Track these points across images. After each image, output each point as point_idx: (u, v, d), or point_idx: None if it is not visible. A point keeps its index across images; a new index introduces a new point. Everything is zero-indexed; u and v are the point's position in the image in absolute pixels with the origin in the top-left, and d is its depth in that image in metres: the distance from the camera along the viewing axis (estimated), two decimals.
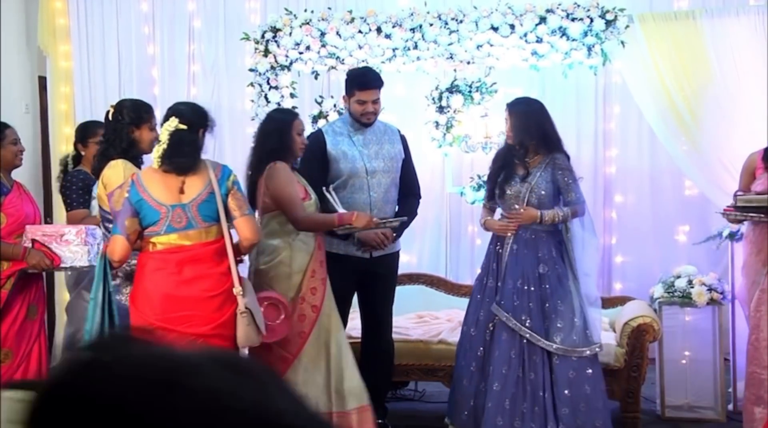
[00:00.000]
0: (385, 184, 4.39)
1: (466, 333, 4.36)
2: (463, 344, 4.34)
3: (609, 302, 5.26)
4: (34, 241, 3.95)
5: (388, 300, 4.55)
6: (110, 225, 3.65)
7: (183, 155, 3.43)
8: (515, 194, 4.17)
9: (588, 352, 4.08)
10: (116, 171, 3.67)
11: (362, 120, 4.38)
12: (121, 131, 3.78)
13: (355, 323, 4.67)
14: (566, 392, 4.04)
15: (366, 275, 4.41)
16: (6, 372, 3.94)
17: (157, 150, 3.44)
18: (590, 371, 4.09)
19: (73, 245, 3.90)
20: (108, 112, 3.86)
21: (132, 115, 3.79)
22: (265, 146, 3.95)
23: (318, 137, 4.46)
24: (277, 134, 3.94)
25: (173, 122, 3.44)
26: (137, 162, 3.81)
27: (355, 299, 4.56)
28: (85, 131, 4.69)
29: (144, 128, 3.83)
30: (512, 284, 4.12)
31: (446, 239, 6.22)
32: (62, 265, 3.97)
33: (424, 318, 5.23)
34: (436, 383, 4.93)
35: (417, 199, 4.62)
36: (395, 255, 4.55)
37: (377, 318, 4.52)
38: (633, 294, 5.45)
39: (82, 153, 4.61)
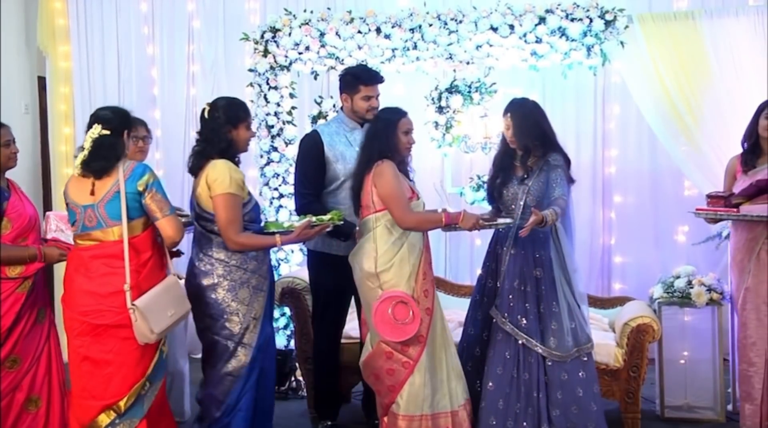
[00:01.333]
0: None
1: (465, 333, 4.37)
2: (462, 343, 4.35)
3: (608, 303, 5.27)
4: (45, 240, 3.97)
5: None
6: (207, 224, 3.77)
7: (100, 159, 3.56)
8: (512, 196, 4.16)
9: (580, 352, 4.09)
10: (221, 170, 3.71)
11: (367, 116, 4.36)
12: (218, 130, 3.80)
13: (354, 323, 4.68)
14: (558, 394, 4.04)
15: None
16: (15, 377, 3.94)
17: (80, 157, 3.56)
18: (582, 374, 4.09)
19: None
20: (204, 110, 3.87)
21: (229, 114, 3.82)
22: (373, 146, 3.96)
23: (315, 139, 4.44)
24: (384, 134, 3.95)
25: (96, 129, 3.56)
26: (235, 161, 3.85)
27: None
28: None
29: (241, 127, 3.86)
30: (509, 284, 4.12)
31: (446, 240, 6.22)
32: None
33: None
34: None
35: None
36: None
37: None
38: (632, 294, 5.45)
39: None
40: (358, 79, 4.38)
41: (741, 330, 4.49)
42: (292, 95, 5.64)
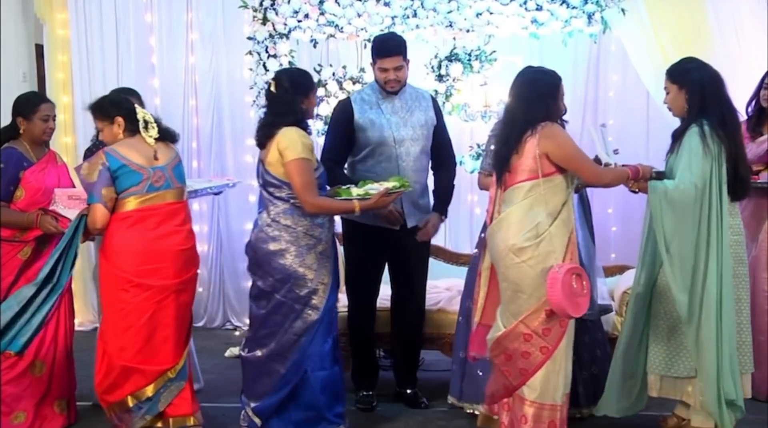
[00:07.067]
0: (414, 152, 4.34)
1: (465, 306, 4.31)
2: (463, 314, 4.33)
3: (607, 271, 5.26)
4: (45, 211, 4.02)
5: (419, 271, 4.53)
6: (275, 190, 3.82)
7: (168, 129, 3.99)
8: None
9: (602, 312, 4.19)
10: (292, 137, 3.76)
11: (386, 88, 4.34)
12: (291, 102, 3.83)
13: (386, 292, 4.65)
14: (585, 356, 4.12)
15: (397, 247, 4.38)
16: None
17: (153, 128, 3.88)
18: (600, 335, 4.25)
19: None
20: (269, 84, 3.90)
21: (299, 85, 3.87)
22: (532, 107, 3.60)
23: (345, 107, 4.42)
24: (549, 97, 3.66)
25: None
26: (304, 127, 3.88)
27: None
28: None
29: (311, 95, 3.92)
30: None
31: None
32: None
33: None
34: (435, 352, 4.95)
35: (451, 168, 4.56)
36: None
37: (410, 288, 4.52)
38: (630, 263, 5.47)
39: None
40: (373, 51, 4.33)
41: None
42: (291, 63, 5.62)
